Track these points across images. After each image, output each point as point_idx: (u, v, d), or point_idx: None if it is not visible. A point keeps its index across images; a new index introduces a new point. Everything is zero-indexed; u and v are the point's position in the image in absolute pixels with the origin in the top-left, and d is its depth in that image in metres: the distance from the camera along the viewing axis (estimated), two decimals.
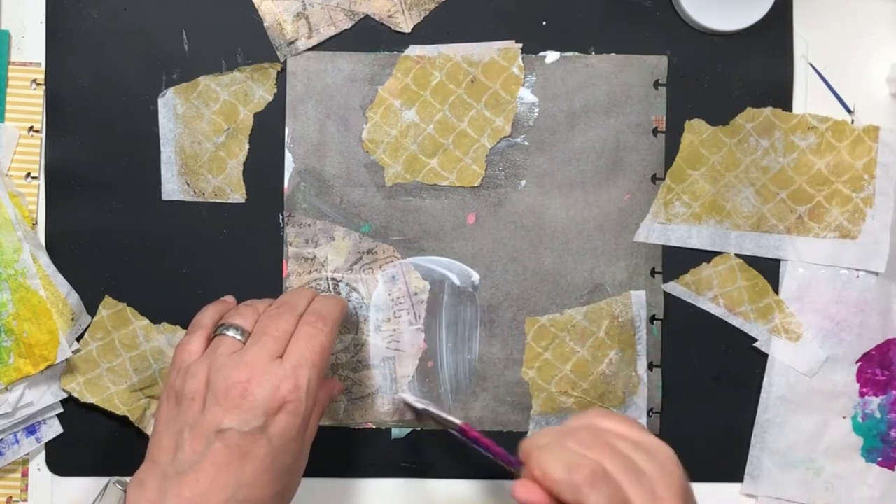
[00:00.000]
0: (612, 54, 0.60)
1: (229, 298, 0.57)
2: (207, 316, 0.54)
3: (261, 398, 0.47)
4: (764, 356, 0.61)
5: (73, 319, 0.58)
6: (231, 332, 0.51)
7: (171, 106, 0.59)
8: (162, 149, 0.59)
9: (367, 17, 0.59)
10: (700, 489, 0.61)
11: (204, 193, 0.59)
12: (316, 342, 0.50)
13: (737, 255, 0.60)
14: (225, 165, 0.59)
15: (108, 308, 0.59)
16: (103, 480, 0.59)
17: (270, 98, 0.59)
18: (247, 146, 0.60)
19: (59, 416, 0.59)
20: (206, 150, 0.59)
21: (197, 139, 0.59)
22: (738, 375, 0.61)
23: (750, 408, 0.61)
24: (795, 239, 0.60)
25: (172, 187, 0.59)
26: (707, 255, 0.60)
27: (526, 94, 0.60)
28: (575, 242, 0.60)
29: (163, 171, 0.59)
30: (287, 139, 0.59)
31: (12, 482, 0.59)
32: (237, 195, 0.60)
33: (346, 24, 0.59)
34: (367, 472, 0.61)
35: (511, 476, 0.48)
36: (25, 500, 0.60)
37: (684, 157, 0.60)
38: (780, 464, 0.60)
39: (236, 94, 0.59)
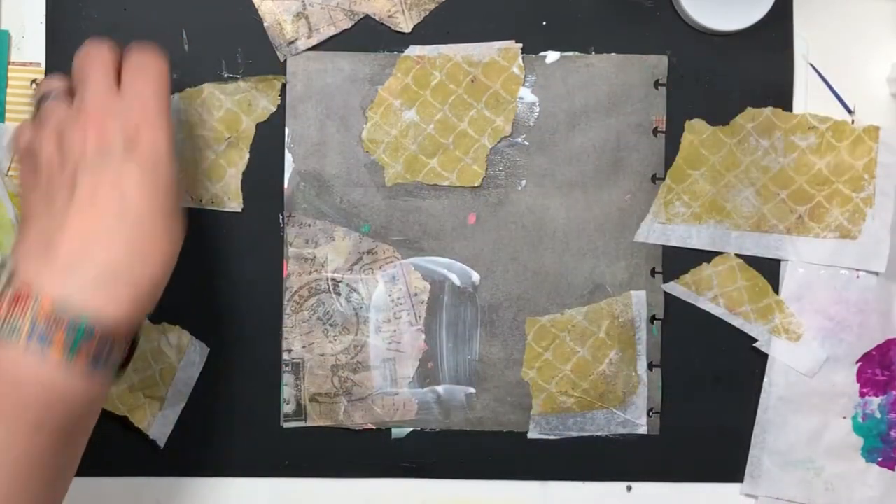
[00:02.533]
0: (613, 54, 0.60)
1: None
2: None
3: (113, 127, 0.46)
4: (764, 356, 0.61)
5: None
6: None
7: (174, 111, 0.59)
8: None
9: (367, 17, 0.59)
10: (700, 489, 0.61)
11: (201, 200, 0.59)
12: (150, 71, 0.48)
13: (737, 255, 0.60)
14: (224, 173, 0.59)
15: None
16: (104, 480, 0.60)
17: (273, 109, 0.59)
18: (247, 155, 0.59)
19: None
20: (206, 157, 0.59)
21: (198, 146, 0.59)
22: (738, 375, 0.61)
23: (750, 408, 0.61)
24: (795, 239, 0.60)
25: None
26: (707, 255, 0.60)
27: (526, 94, 0.60)
28: (575, 242, 0.60)
29: None
30: (287, 139, 0.59)
31: None
32: (234, 203, 0.60)
33: (346, 24, 0.59)
34: (367, 472, 0.61)
35: None
36: None
37: (684, 157, 0.60)
38: (780, 464, 0.61)
39: (240, 104, 0.59)
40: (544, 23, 0.60)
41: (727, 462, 0.61)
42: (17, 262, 0.44)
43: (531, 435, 0.61)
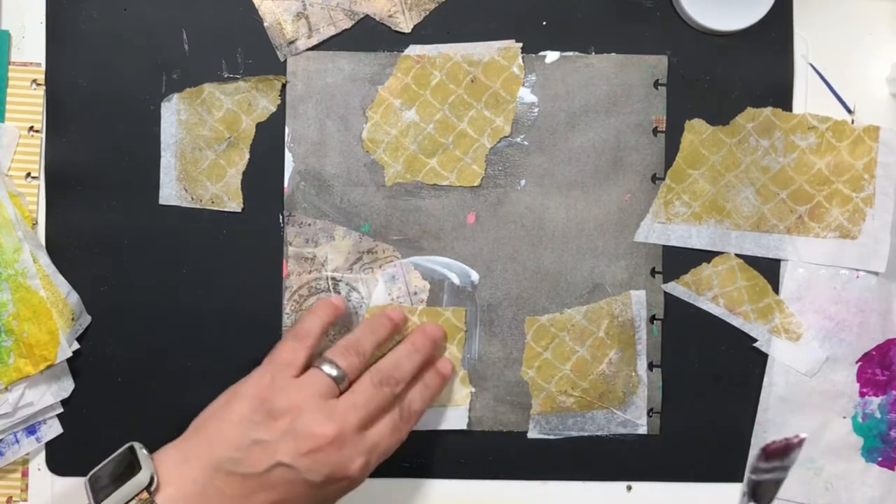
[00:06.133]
0: (613, 54, 0.60)
1: (337, 301, 0.57)
2: (317, 324, 0.55)
3: (331, 462, 0.50)
4: (764, 356, 0.61)
5: (73, 319, 0.58)
6: (327, 368, 0.52)
7: (174, 111, 0.59)
8: (162, 153, 0.59)
9: (367, 16, 0.59)
10: (700, 489, 0.61)
11: (201, 200, 0.59)
12: (397, 437, 0.54)
13: (737, 255, 0.60)
14: (224, 173, 0.59)
15: None
16: None
17: (273, 109, 0.59)
18: (247, 155, 0.60)
19: (59, 416, 0.59)
20: (206, 157, 0.59)
21: (198, 146, 0.59)
22: (738, 375, 0.61)
23: (750, 408, 0.61)
24: (796, 239, 0.60)
25: (170, 192, 0.59)
26: (707, 255, 0.60)
27: (526, 94, 0.60)
28: (575, 242, 0.60)
29: (161, 176, 0.59)
30: (287, 138, 0.59)
31: (12, 482, 0.59)
32: (234, 204, 0.60)
33: (347, 24, 0.59)
34: None
35: None
36: (25, 500, 0.60)
37: (684, 157, 0.60)
38: None
39: (240, 104, 0.59)
40: (544, 23, 0.60)
41: (727, 462, 0.61)
42: (173, 465, 0.50)
43: (531, 435, 0.61)
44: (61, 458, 0.60)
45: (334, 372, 0.52)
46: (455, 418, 0.60)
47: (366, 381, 0.53)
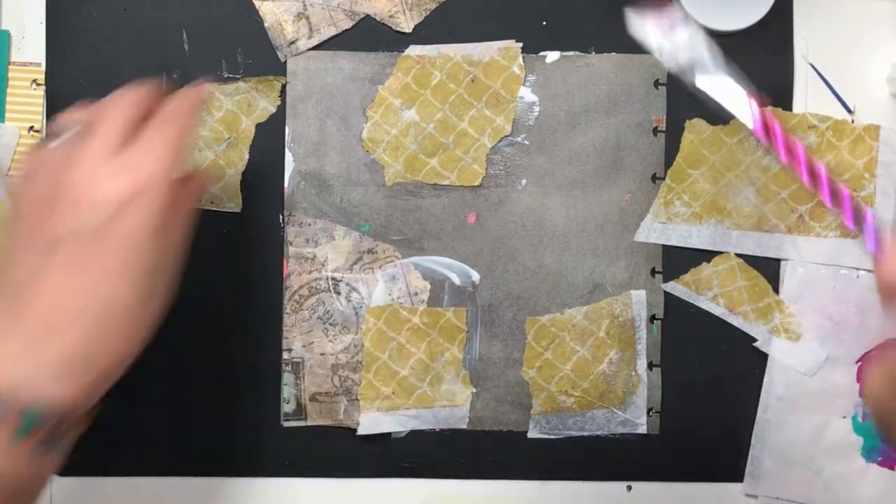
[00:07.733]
0: (613, 53, 0.60)
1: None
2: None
3: (97, 197, 0.42)
4: (764, 356, 0.61)
5: None
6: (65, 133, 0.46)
7: None
8: None
9: (367, 17, 0.59)
10: (700, 489, 0.61)
11: (200, 200, 0.59)
12: (165, 133, 0.44)
13: (737, 255, 0.60)
14: (223, 174, 0.59)
15: None
16: (104, 480, 0.60)
17: (273, 110, 0.59)
18: (247, 156, 0.60)
19: None
20: (206, 157, 0.59)
21: (197, 146, 0.59)
22: (738, 375, 0.61)
23: (750, 408, 0.61)
24: (796, 238, 0.60)
25: None
26: (707, 255, 0.60)
27: (526, 94, 0.60)
28: (575, 242, 0.60)
29: None
30: (287, 138, 0.59)
31: None
32: (233, 204, 0.60)
33: (347, 25, 0.59)
34: (367, 472, 0.61)
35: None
36: None
37: (684, 157, 0.60)
38: (781, 464, 0.60)
39: (239, 104, 0.59)
40: (544, 23, 0.60)
41: (727, 462, 0.61)
42: None
43: (531, 434, 0.61)
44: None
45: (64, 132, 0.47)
46: (455, 418, 0.60)
47: (96, 106, 0.47)
